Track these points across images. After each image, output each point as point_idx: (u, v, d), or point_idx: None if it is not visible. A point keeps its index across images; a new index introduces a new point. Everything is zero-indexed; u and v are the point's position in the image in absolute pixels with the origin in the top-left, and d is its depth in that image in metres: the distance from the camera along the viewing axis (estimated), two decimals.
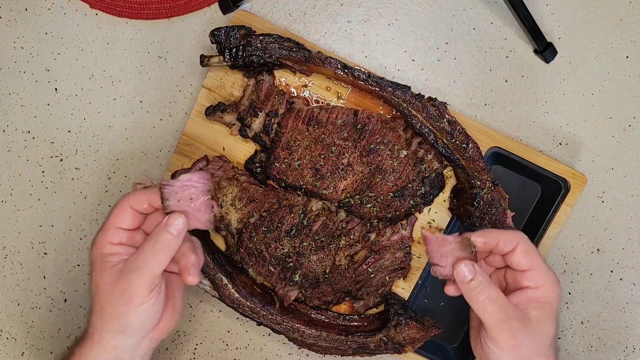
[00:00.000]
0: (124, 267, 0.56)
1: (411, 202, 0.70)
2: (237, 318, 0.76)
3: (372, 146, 0.68)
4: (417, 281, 0.73)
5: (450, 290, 0.61)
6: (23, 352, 0.77)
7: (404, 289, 0.73)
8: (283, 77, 0.71)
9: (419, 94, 0.68)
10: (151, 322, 0.58)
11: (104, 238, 0.58)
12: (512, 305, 0.57)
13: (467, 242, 0.58)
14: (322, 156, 0.68)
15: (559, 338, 0.77)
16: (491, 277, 0.63)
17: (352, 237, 0.70)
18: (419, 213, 0.72)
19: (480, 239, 0.59)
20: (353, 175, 0.69)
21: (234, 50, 0.67)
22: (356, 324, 0.73)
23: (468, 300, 0.58)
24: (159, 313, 0.59)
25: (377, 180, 0.68)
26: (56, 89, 0.75)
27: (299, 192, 0.70)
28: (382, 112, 0.71)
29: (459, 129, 0.68)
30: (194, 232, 0.62)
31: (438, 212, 0.72)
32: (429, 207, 0.72)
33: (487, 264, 0.64)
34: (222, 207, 0.70)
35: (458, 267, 0.58)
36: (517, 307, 0.58)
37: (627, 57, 0.74)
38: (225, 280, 0.69)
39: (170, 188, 0.57)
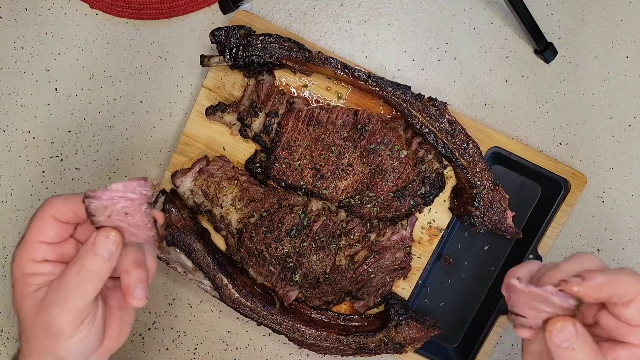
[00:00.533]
0: (45, 297, 0.46)
1: (411, 202, 0.70)
2: (238, 318, 0.76)
3: (372, 146, 0.68)
4: (417, 281, 0.73)
5: (525, 334, 0.48)
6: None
7: (404, 289, 0.73)
8: (283, 77, 0.71)
9: (419, 94, 0.68)
10: (87, 351, 0.49)
11: (23, 254, 0.47)
12: None
13: (572, 294, 0.44)
14: (322, 156, 0.68)
15: None
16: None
17: (352, 237, 0.70)
18: (419, 213, 0.72)
19: (591, 294, 0.44)
20: (353, 175, 0.69)
21: (234, 50, 0.67)
22: (356, 324, 0.73)
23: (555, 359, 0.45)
24: (97, 341, 0.49)
25: (378, 180, 0.68)
26: (56, 89, 0.75)
27: (299, 192, 0.70)
28: (382, 112, 0.71)
29: (459, 129, 0.68)
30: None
31: (438, 212, 0.72)
32: (429, 207, 0.72)
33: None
34: (222, 207, 0.70)
35: (555, 327, 0.45)
36: None
37: (627, 57, 0.75)
38: (225, 280, 0.69)
39: (97, 202, 0.45)
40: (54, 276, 0.47)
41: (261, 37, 0.67)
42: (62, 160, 0.76)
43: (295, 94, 0.71)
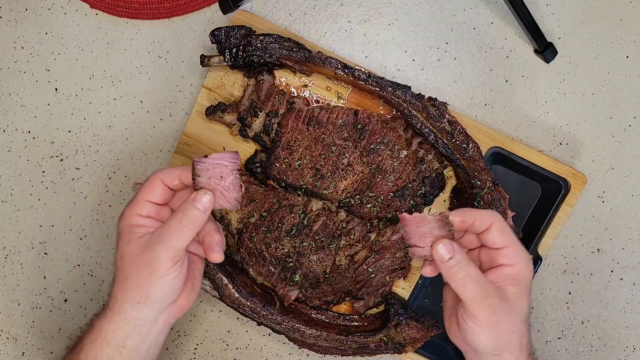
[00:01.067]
0: (150, 239, 0.57)
1: (411, 202, 0.70)
2: (238, 318, 0.76)
3: (372, 146, 0.68)
4: (417, 281, 0.73)
5: (427, 271, 0.61)
6: (23, 352, 0.77)
7: (404, 289, 0.73)
8: (283, 77, 0.71)
9: (419, 94, 0.68)
10: (171, 296, 0.59)
11: (133, 210, 0.59)
12: (490, 282, 0.58)
13: (446, 220, 0.57)
14: (323, 156, 0.68)
15: (559, 338, 0.77)
16: None
17: (352, 237, 0.70)
18: (419, 213, 0.72)
19: (457, 217, 0.58)
20: (353, 175, 0.69)
21: (234, 50, 0.67)
22: (356, 324, 0.73)
23: (447, 278, 0.58)
24: (179, 288, 0.59)
25: (378, 180, 0.68)
26: (56, 89, 0.75)
27: (299, 192, 0.70)
28: (382, 112, 0.71)
29: (459, 129, 0.68)
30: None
31: (438, 212, 0.72)
32: (429, 207, 0.72)
33: (462, 245, 0.63)
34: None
35: (437, 246, 0.57)
36: (494, 284, 0.58)
37: (627, 57, 0.75)
38: (225, 280, 0.69)
39: (203, 165, 0.58)
40: (153, 229, 0.58)
41: (261, 37, 0.67)
42: (62, 160, 0.76)
43: (295, 94, 0.71)
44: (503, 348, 0.59)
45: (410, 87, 0.68)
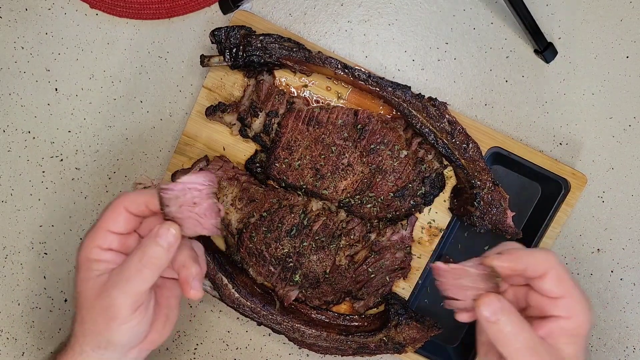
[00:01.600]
0: (107, 280, 0.51)
1: (411, 202, 0.70)
2: (238, 318, 0.76)
3: (372, 146, 0.68)
4: (417, 281, 0.73)
5: (464, 318, 0.53)
6: (23, 352, 0.77)
7: (404, 289, 0.73)
8: (283, 77, 0.71)
9: (419, 94, 0.68)
10: (136, 340, 0.53)
11: (92, 241, 0.52)
12: (545, 345, 0.50)
13: (491, 271, 0.50)
14: (323, 156, 0.68)
15: None
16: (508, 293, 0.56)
17: (352, 237, 0.70)
18: (419, 213, 0.72)
19: (505, 264, 0.50)
20: (353, 175, 0.69)
21: (234, 50, 0.67)
22: (356, 324, 0.73)
23: (493, 340, 0.50)
24: (145, 332, 0.53)
25: (378, 180, 0.68)
26: (56, 89, 0.75)
27: (299, 192, 0.70)
28: (382, 112, 0.71)
29: (459, 129, 0.68)
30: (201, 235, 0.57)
31: (438, 212, 0.72)
32: (429, 207, 0.72)
33: (506, 282, 0.55)
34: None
35: (481, 305, 0.49)
36: (548, 344, 0.50)
37: (627, 57, 0.75)
38: (225, 280, 0.69)
39: (171, 192, 0.50)
40: (115, 265, 0.51)
41: (261, 37, 0.67)
42: (62, 160, 0.76)
43: (295, 94, 0.71)
44: None
45: (410, 87, 0.68)
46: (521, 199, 0.73)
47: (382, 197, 0.69)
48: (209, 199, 0.52)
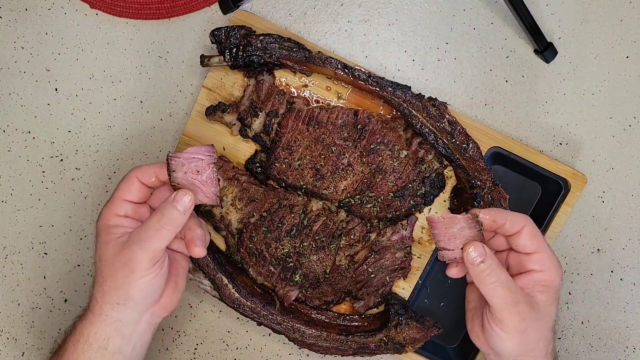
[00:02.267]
0: (128, 240, 0.56)
1: (411, 202, 0.70)
2: (238, 318, 0.76)
3: (372, 146, 0.68)
4: (418, 281, 0.73)
5: (453, 273, 0.61)
6: (23, 352, 0.77)
7: (404, 289, 0.73)
8: (283, 77, 0.71)
9: (419, 94, 0.68)
10: (152, 296, 0.58)
11: (110, 210, 0.58)
12: (520, 288, 0.57)
13: (476, 218, 0.57)
14: (323, 156, 0.68)
15: (559, 338, 0.77)
16: None
17: (352, 237, 0.70)
18: (419, 213, 0.72)
19: (488, 216, 0.58)
20: (353, 175, 0.69)
21: (234, 50, 0.67)
22: (356, 324, 0.73)
23: (477, 282, 0.57)
24: (161, 288, 0.59)
25: (378, 180, 0.68)
26: (56, 89, 0.75)
27: (299, 192, 0.70)
28: (382, 112, 0.71)
29: (459, 129, 0.68)
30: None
31: (438, 212, 0.72)
32: (429, 207, 0.72)
33: (490, 247, 0.62)
34: (222, 208, 0.70)
35: (468, 249, 0.57)
36: (523, 290, 0.57)
37: (627, 57, 0.75)
38: (225, 280, 0.69)
39: (177, 160, 0.57)
40: (130, 229, 0.58)
41: (261, 37, 0.67)
42: (62, 160, 0.76)
43: (295, 94, 0.71)
44: (528, 355, 0.58)
45: (410, 87, 0.68)
46: (521, 199, 0.73)
47: (382, 197, 0.69)
48: (210, 168, 0.58)
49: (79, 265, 0.77)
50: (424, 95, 0.68)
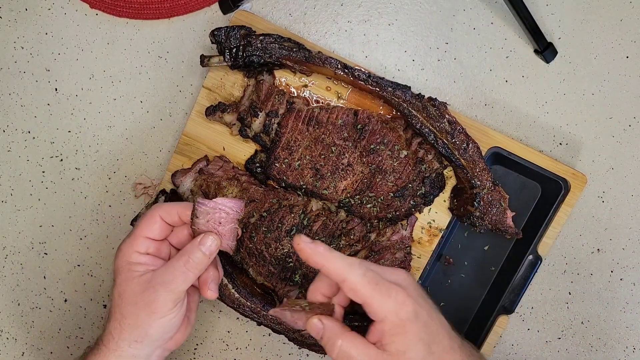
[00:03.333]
0: (151, 279, 0.57)
1: (411, 202, 0.70)
2: (237, 318, 0.76)
3: (372, 146, 0.68)
4: (417, 281, 0.73)
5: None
6: (23, 352, 0.77)
7: None
8: (283, 77, 0.71)
9: (419, 94, 0.68)
10: (169, 334, 0.59)
11: (131, 247, 0.59)
12: (371, 347, 0.53)
13: (300, 305, 0.57)
14: (322, 156, 0.68)
15: (559, 338, 0.77)
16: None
17: (352, 237, 0.70)
18: (419, 213, 0.72)
19: (313, 287, 0.57)
20: (353, 175, 0.69)
21: (234, 50, 0.67)
22: (356, 324, 0.73)
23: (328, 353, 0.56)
24: (178, 326, 0.60)
25: (377, 180, 0.68)
26: (56, 89, 0.75)
27: (299, 192, 0.70)
28: (382, 112, 0.71)
29: (459, 129, 0.68)
30: None
31: (438, 212, 0.72)
32: (429, 207, 0.72)
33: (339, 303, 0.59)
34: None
35: (308, 326, 0.56)
36: (375, 347, 0.53)
37: (627, 57, 0.75)
38: (225, 280, 0.69)
39: (205, 207, 0.58)
40: (153, 267, 0.58)
41: (261, 37, 0.67)
42: (62, 160, 0.76)
43: (295, 94, 0.71)
44: None
45: (410, 87, 0.68)
46: (521, 199, 0.73)
47: (382, 197, 0.69)
48: (233, 223, 0.59)
49: (79, 265, 0.77)
50: (424, 95, 0.68)
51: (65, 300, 0.77)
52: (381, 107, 0.71)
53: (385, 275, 0.55)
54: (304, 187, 0.69)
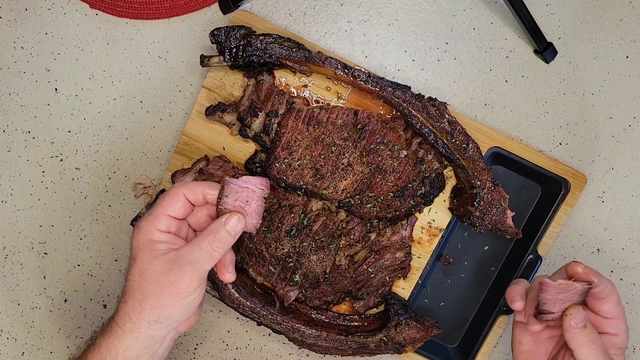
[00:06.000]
0: (176, 259, 0.55)
1: (411, 202, 0.70)
2: (237, 318, 0.76)
3: (372, 146, 0.68)
4: (417, 281, 0.73)
5: (537, 328, 0.62)
6: (23, 352, 0.77)
7: (404, 289, 0.73)
8: (283, 77, 0.71)
9: (419, 94, 0.68)
10: (187, 315, 0.58)
11: (153, 224, 0.57)
12: (609, 355, 0.59)
13: (589, 287, 0.59)
14: (322, 156, 0.68)
15: None
16: None
17: (352, 237, 0.70)
18: (419, 213, 0.72)
19: (593, 278, 0.59)
20: (353, 175, 0.69)
21: (234, 50, 0.67)
22: (356, 324, 0.73)
23: (573, 343, 0.58)
24: (197, 306, 0.59)
25: (377, 180, 0.68)
26: (56, 89, 0.75)
27: (299, 192, 0.70)
28: (382, 112, 0.71)
29: (459, 129, 0.68)
30: None
31: (438, 212, 0.72)
32: (429, 207, 0.72)
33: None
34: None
35: (570, 313, 0.58)
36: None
37: (627, 57, 0.75)
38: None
39: (232, 186, 0.57)
40: (175, 245, 0.57)
41: (261, 37, 0.67)
42: (62, 160, 0.76)
43: (295, 94, 0.71)
44: None
45: (410, 87, 0.68)
46: (521, 199, 0.73)
47: (382, 197, 0.69)
48: (260, 201, 0.59)
49: (79, 265, 0.77)
50: (424, 95, 0.68)
51: (65, 300, 0.77)
52: (381, 107, 0.71)
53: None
54: (304, 187, 0.69)
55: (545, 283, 0.58)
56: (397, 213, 0.70)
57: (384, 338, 0.69)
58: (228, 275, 0.59)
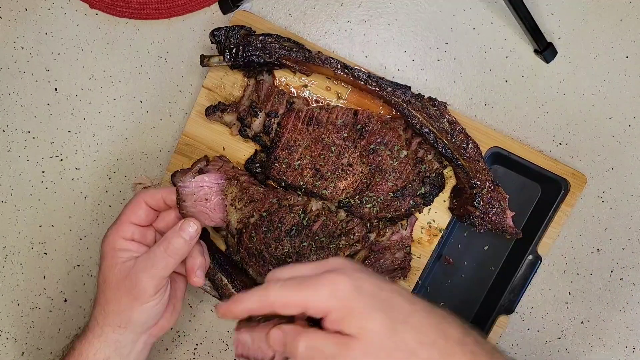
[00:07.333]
0: (134, 266, 0.58)
1: (411, 202, 0.70)
2: None
3: (372, 146, 0.68)
4: (417, 281, 0.73)
5: None
6: (23, 352, 0.77)
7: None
8: (283, 77, 0.71)
9: (419, 94, 0.68)
10: (152, 320, 0.60)
11: (117, 233, 0.59)
12: (336, 336, 0.46)
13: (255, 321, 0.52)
14: (322, 156, 0.68)
15: (559, 338, 0.76)
16: None
17: (352, 237, 0.70)
18: (419, 213, 0.72)
19: (285, 308, 0.48)
20: (353, 175, 0.69)
21: (234, 50, 0.67)
22: None
23: None
24: (161, 313, 0.60)
25: (377, 180, 0.68)
26: (56, 89, 0.75)
27: (299, 192, 0.70)
28: (382, 112, 0.71)
29: (459, 129, 0.68)
30: (201, 236, 0.62)
31: (438, 212, 0.72)
32: (429, 207, 0.72)
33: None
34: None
35: (270, 342, 0.49)
36: (339, 335, 0.46)
37: (627, 57, 0.74)
38: (225, 280, 0.69)
39: (187, 189, 0.58)
40: (137, 253, 0.59)
41: (261, 37, 0.67)
42: (62, 160, 0.76)
43: (295, 94, 0.71)
44: None
45: (410, 87, 0.68)
46: (521, 199, 0.73)
47: (382, 197, 0.69)
48: (218, 195, 0.60)
49: (78, 265, 0.77)
50: (424, 95, 0.68)
51: (65, 300, 0.77)
52: (381, 107, 0.71)
53: (315, 272, 0.49)
54: (303, 187, 0.69)
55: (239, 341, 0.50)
56: (397, 213, 0.70)
57: None
58: (196, 279, 0.60)
